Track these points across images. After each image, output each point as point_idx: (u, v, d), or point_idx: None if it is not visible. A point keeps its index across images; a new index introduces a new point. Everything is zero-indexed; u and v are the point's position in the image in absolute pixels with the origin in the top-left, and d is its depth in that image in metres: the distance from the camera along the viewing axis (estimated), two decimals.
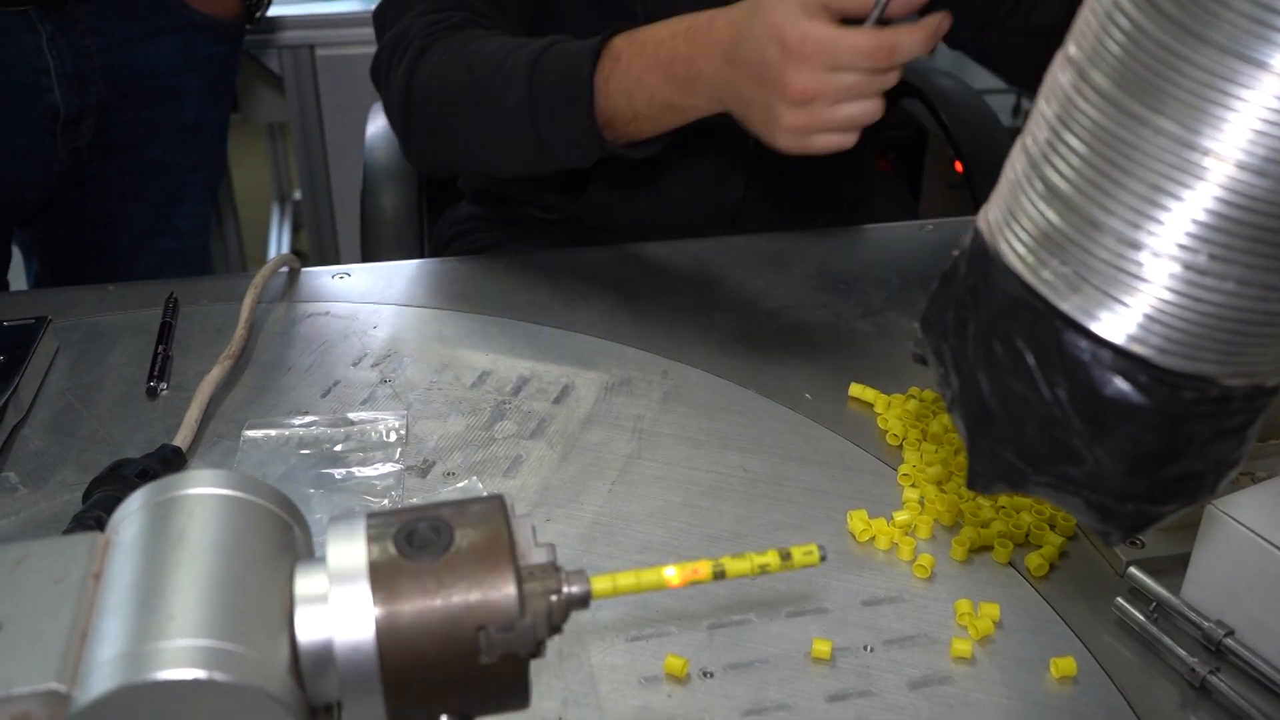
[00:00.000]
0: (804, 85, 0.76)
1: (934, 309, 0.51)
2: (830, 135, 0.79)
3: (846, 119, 0.78)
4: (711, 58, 0.82)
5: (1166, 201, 0.40)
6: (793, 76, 0.76)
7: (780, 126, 0.79)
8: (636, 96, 0.86)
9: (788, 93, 0.77)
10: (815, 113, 0.77)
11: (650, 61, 0.85)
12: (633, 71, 0.86)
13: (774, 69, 0.77)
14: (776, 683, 0.62)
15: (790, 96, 0.77)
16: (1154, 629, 0.65)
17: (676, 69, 0.84)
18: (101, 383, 0.85)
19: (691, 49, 0.83)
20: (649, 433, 0.81)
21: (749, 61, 0.79)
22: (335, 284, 0.99)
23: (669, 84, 0.85)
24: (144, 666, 0.43)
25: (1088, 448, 0.45)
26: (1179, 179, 0.39)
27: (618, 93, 0.87)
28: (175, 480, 0.53)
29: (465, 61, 0.93)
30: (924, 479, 0.76)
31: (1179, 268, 0.40)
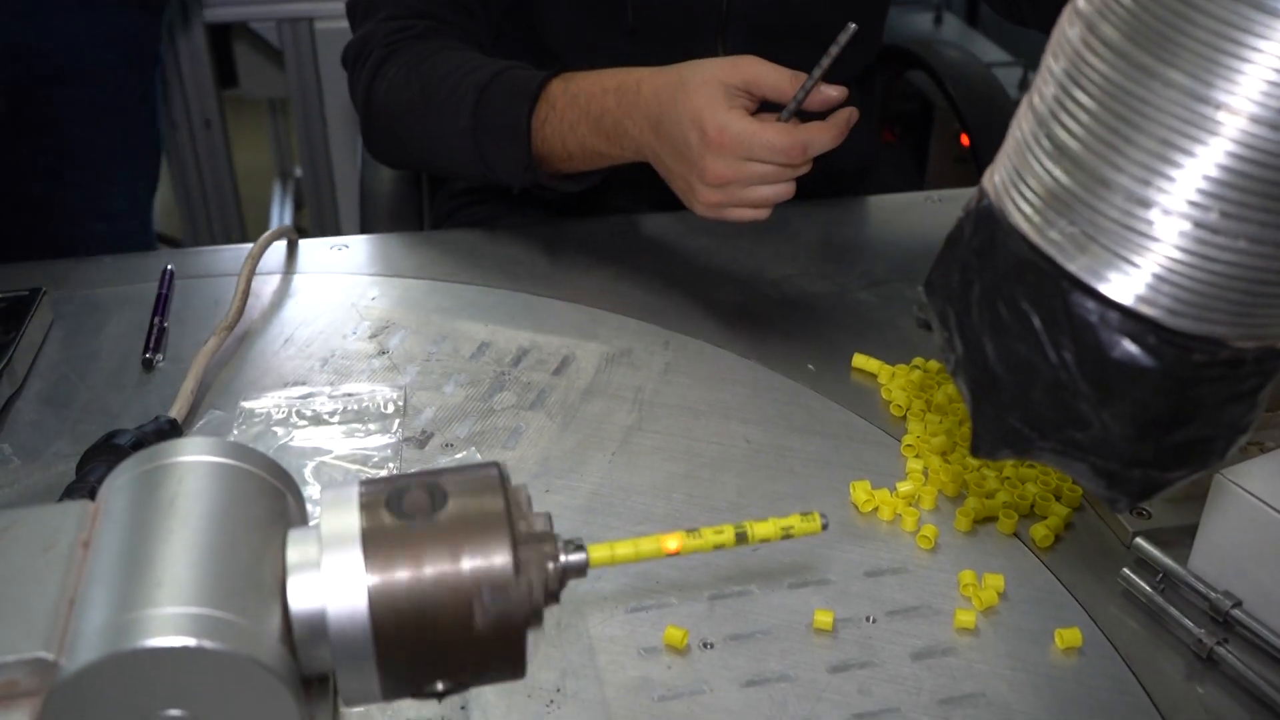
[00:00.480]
0: (720, 172, 0.81)
1: (939, 272, 0.50)
2: (744, 210, 0.83)
3: (759, 199, 0.83)
4: (638, 122, 0.86)
5: (1177, 157, 0.39)
6: (710, 163, 0.80)
7: (697, 200, 0.84)
8: (569, 141, 0.90)
9: (705, 175, 0.81)
10: (730, 193, 0.82)
11: (580, 113, 0.89)
12: (565, 119, 0.90)
13: (694, 151, 0.81)
14: (778, 654, 0.61)
15: (707, 179, 0.81)
16: (1160, 600, 0.64)
17: (605, 124, 0.88)
18: (97, 355, 0.84)
19: (620, 110, 0.87)
20: (650, 404, 0.80)
21: (671, 138, 0.83)
22: (333, 255, 0.98)
23: (597, 136, 0.89)
24: (132, 634, 0.43)
25: (1094, 412, 0.44)
26: (1190, 134, 0.38)
27: (552, 136, 0.91)
28: (166, 448, 0.52)
29: (420, 80, 0.97)
30: (928, 450, 0.75)
31: (1190, 226, 0.39)
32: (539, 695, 0.58)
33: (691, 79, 0.82)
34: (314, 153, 1.95)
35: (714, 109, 0.80)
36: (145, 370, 0.83)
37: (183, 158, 1.93)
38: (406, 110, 0.98)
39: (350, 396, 0.80)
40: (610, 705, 0.58)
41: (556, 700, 0.58)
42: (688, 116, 0.81)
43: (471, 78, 0.93)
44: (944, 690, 0.59)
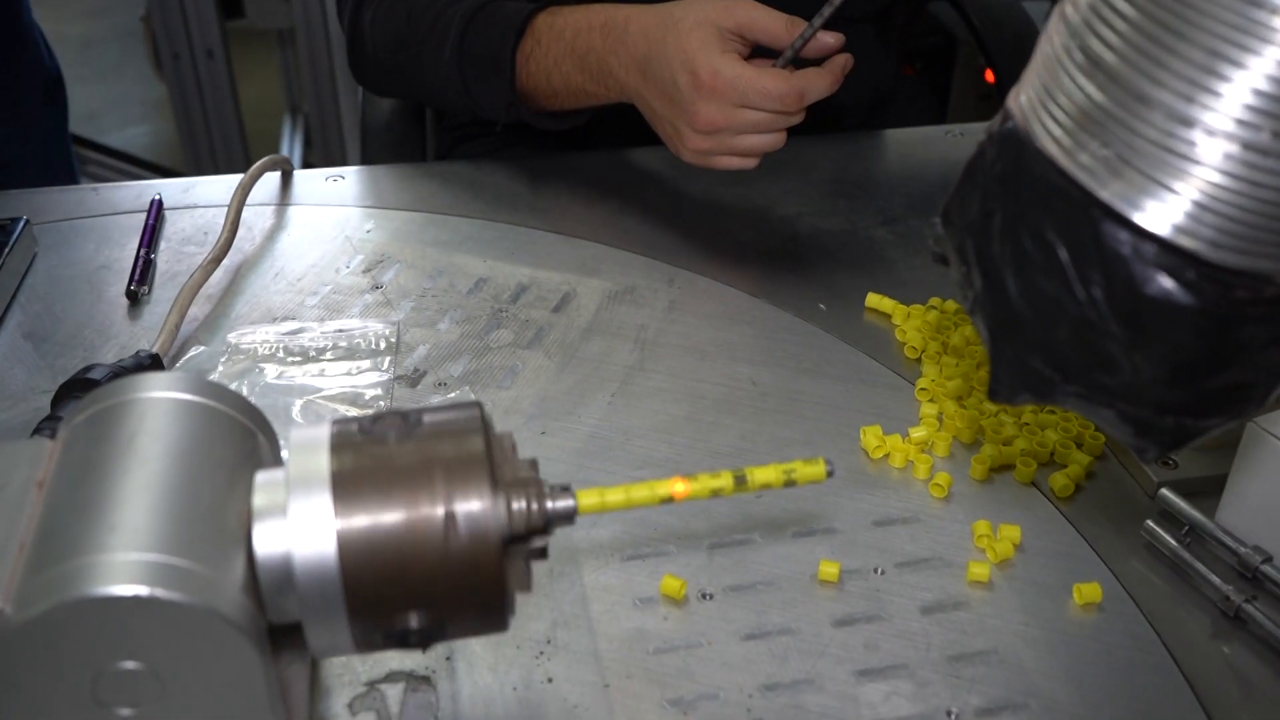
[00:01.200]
0: (710, 117, 0.77)
1: (956, 201, 0.46)
2: (733, 158, 0.80)
3: (749, 148, 0.79)
4: (624, 61, 0.82)
5: (1226, 70, 0.35)
6: (701, 108, 0.77)
7: (685, 146, 0.80)
8: (554, 78, 0.87)
9: (695, 121, 0.78)
10: (720, 140, 0.79)
11: (566, 50, 0.86)
12: (550, 55, 0.86)
13: (684, 95, 0.77)
14: (780, 606, 0.58)
15: (697, 125, 0.78)
16: (1186, 554, 0.61)
17: (590, 62, 0.84)
18: (80, 287, 0.81)
19: (605, 48, 0.83)
20: (653, 343, 0.77)
21: (659, 80, 0.79)
22: (328, 187, 0.95)
23: (582, 74, 0.85)
24: (82, 582, 0.40)
25: (1125, 354, 0.40)
26: (1242, 42, 0.34)
27: (537, 72, 0.87)
28: (129, 383, 0.49)
29: (406, 7, 0.94)
30: (943, 394, 0.71)
31: (1237, 148, 0.36)
32: (528, 646, 0.56)
33: (684, 20, 0.78)
34: (320, 86, 1.90)
35: (707, 52, 0.76)
36: (130, 303, 0.79)
37: (185, 89, 1.89)
38: (393, 39, 0.94)
39: (341, 332, 0.77)
40: (603, 657, 0.55)
41: (546, 652, 0.55)
42: (678, 59, 0.77)
43: (457, 7, 0.90)
44: (954, 646, 0.56)
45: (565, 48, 0.85)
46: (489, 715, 0.53)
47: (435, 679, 0.54)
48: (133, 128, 2.96)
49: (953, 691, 0.54)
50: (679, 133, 0.80)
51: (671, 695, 0.54)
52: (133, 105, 3.07)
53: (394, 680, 0.54)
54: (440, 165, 1.00)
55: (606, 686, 0.54)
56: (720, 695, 0.54)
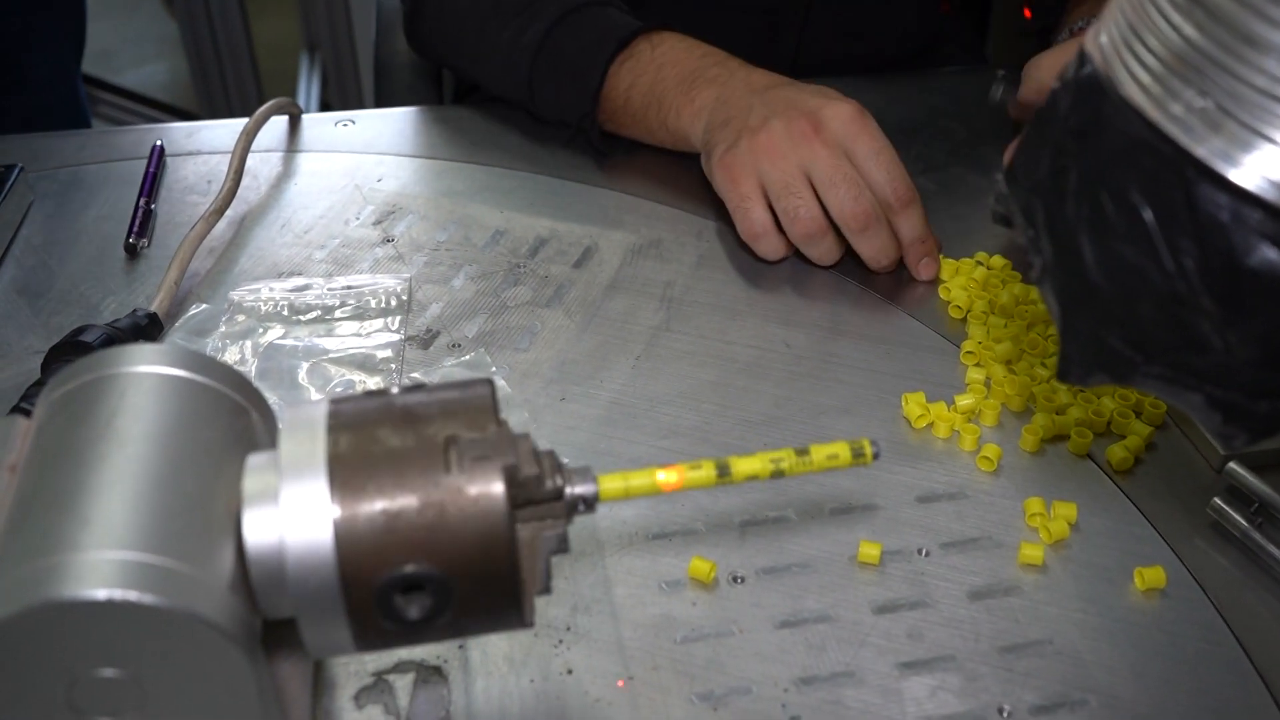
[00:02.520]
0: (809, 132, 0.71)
1: (1024, 156, 0.41)
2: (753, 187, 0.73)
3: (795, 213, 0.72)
4: (739, 80, 0.78)
5: None
6: (818, 111, 0.72)
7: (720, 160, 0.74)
8: (635, 91, 0.82)
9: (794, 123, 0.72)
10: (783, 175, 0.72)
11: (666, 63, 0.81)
12: (644, 68, 0.82)
13: (804, 105, 0.73)
14: (817, 590, 0.54)
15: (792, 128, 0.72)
16: (1256, 535, 0.56)
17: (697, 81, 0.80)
18: (78, 238, 0.77)
19: (720, 66, 0.79)
20: (680, 301, 0.72)
21: (781, 96, 0.74)
22: (339, 132, 0.90)
23: (679, 89, 0.80)
24: (52, 584, 0.36)
25: (1218, 332, 0.36)
26: None
27: (618, 88, 0.82)
28: (110, 355, 0.45)
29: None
30: (991, 357, 0.67)
31: None
32: (546, 634, 0.52)
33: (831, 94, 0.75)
34: (335, 24, 1.85)
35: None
36: (129, 257, 0.75)
37: (196, 26, 1.84)
38: (467, 8, 0.89)
39: (350, 289, 0.72)
40: (626, 647, 0.51)
41: (566, 640, 0.52)
42: (831, 96, 0.74)
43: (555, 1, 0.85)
44: (1006, 636, 0.52)
45: (664, 68, 0.81)
46: (504, 710, 0.49)
47: (447, 670, 0.50)
48: (148, 66, 2.91)
49: (1004, 686, 0.50)
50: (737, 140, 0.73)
51: (700, 689, 0.50)
52: (148, 43, 3.01)
53: (403, 671, 0.50)
54: (456, 110, 0.95)
55: (630, 678, 0.50)
56: (753, 689, 0.50)
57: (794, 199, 0.71)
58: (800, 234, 0.72)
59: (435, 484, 0.40)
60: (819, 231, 0.71)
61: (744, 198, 0.73)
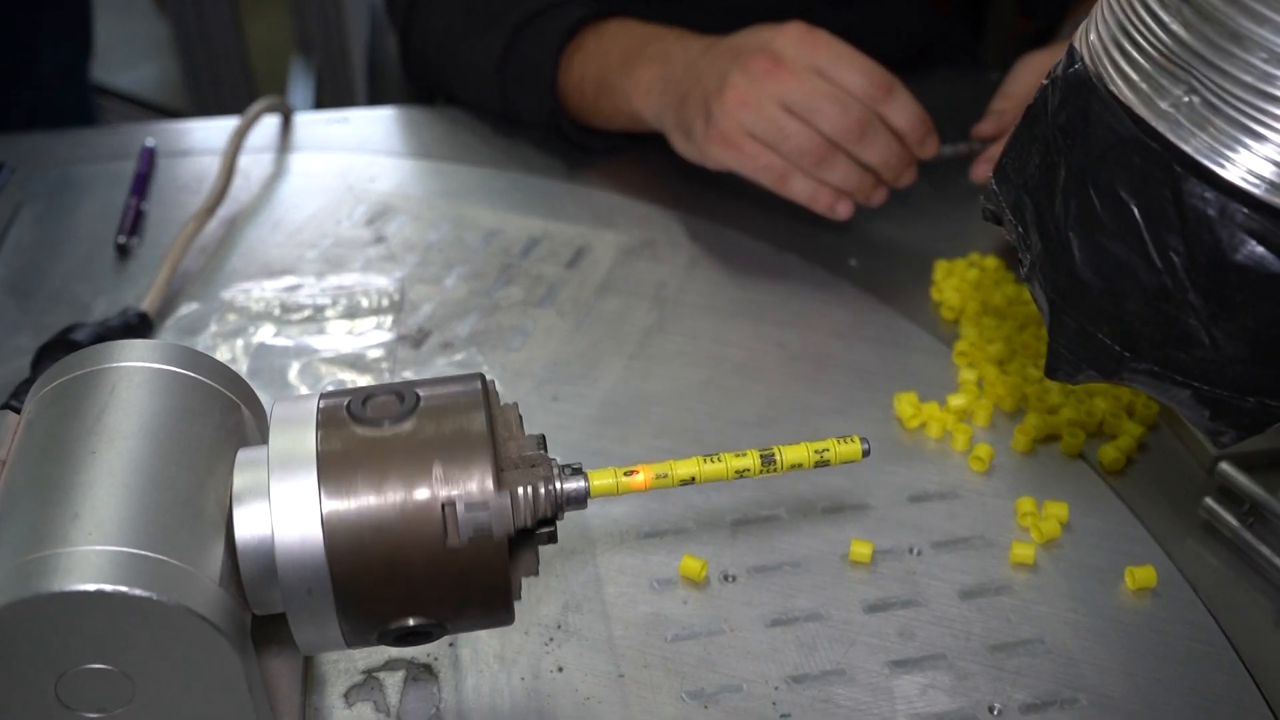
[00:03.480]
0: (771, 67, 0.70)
1: (1013, 153, 0.41)
2: (767, 154, 0.71)
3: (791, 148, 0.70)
4: (685, 45, 0.77)
5: None
6: (776, 45, 0.70)
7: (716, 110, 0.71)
8: (589, 69, 0.82)
9: (750, 67, 0.70)
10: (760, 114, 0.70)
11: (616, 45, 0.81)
12: (596, 49, 0.82)
13: (756, 41, 0.72)
14: (808, 589, 0.54)
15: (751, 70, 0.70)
16: (1247, 534, 0.56)
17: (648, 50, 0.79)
18: (68, 238, 0.77)
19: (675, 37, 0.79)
20: (672, 302, 0.72)
21: (730, 45, 0.73)
22: (331, 131, 0.90)
23: (622, 67, 0.80)
24: (41, 577, 0.36)
25: (1205, 328, 0.36)
26: None
27: (576, 66, 0.83)
28: (101, 350, 0.45)
29: (462, 3, 0.89)
30: (983, 358, 0.67)
31: None
32: (537, 632, 0.52)
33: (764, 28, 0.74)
34: (328, 24, 1.84)
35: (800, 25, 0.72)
36: (119, 256, 0.75)
37: (188, 26, 1.83)
38: (444, 35, 0.90)
39: (342, 289, 0.72)
40: (616, 645, 0.51)
41: (556, 638, 0.51)
42: (757, 36, 0.73)
43: (516, 9, 0.86)
44: (997, 634, 0.52)
45: (617, 43, 0.81)
46: (494, 707, 0.49)
47: (437, 667, 0.50)
48: (139, 66, 2.90)
49: (995, 684, 0.50)
50: (721, 89, 0.71)
51: (690, 687, 0.50)
52: (138, 43, 3.00)
53: (393, 669, 0.50)
54: (449, 110, 0.95)
55: (621, 676, 0.50)
56: (743, 687, 0.50)
57: (788, 137, 0.70)
58: (809, 164, 0.70)
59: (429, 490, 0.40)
60: (824, 152, 0.70)
61: (753, 158, 0.71)
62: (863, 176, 0.72)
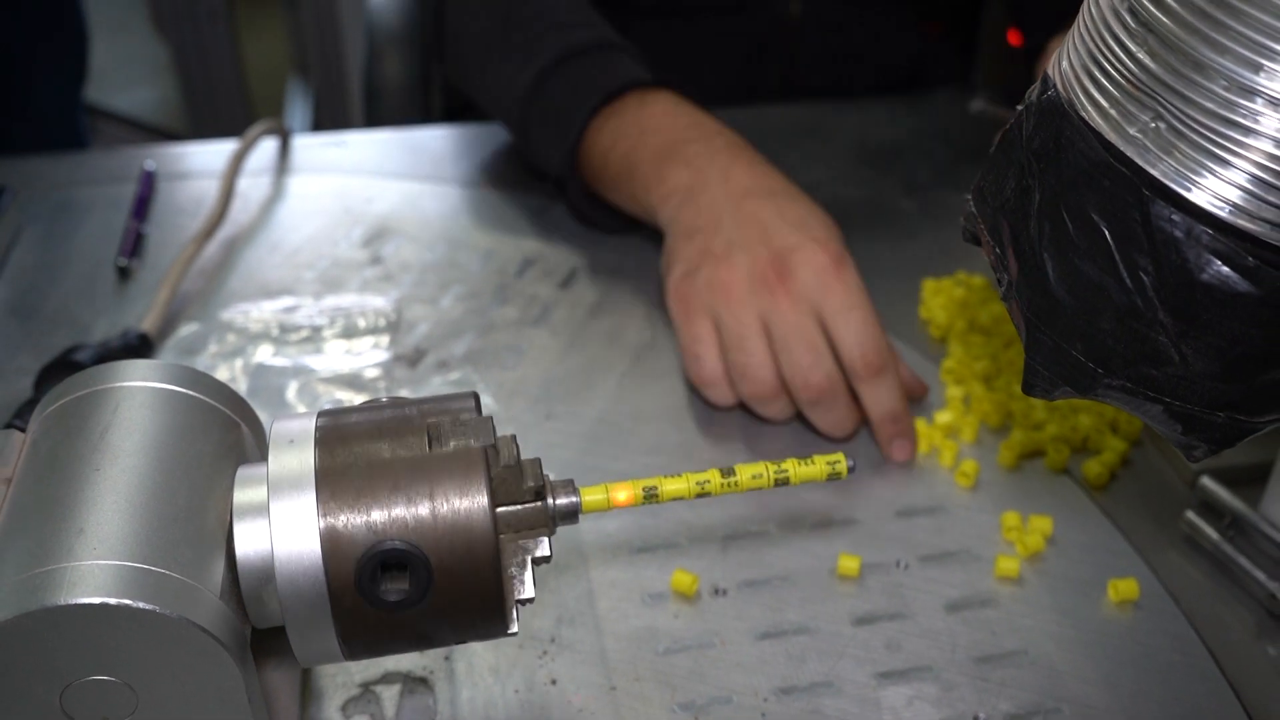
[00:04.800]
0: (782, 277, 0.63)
1: (990, 177, 0.42)
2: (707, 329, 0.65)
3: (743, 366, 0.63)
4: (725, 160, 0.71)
5: None
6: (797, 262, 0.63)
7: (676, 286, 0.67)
8: (617, 149, 0.75)
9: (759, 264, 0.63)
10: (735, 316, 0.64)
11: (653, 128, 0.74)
12: (628, 129, 0.74)
13: (776, 243, 0.64)
14: (797, 603, 0.55)
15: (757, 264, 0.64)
16: (1228, 548, 0.57)
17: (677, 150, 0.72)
18: (68, 260, 0.78)
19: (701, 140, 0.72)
20: (664, 321, 0.74)
21: (754, 223, 0.66)
22: (329, 153, 0.91)
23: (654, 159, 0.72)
24: (47, 591, 0.37)
25: (1175, 345, 0.37)
26: None
27: (598, 145, 0.76)
28: (104, 370, 0.46)
29: (505, 8, 0.84)
30: (970, 375, 0.68)
31: None
32: (531, 646, 0.53)
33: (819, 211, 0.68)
34: (326, 47, 1.86)
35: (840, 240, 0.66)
36: (120, 278, 0.76)
37: (186, 50, 1.85)
38: (477, 40, 0.86)
39: (339, 309, 0.73)
40: (609, 658, 0.52)
41: (550, 651, 0.52)
42: (811, 227, 0.66)
43: (561, 36, 0.79)
44: (982, 647, 0.53)
45: (645, 134, 0.74)
46: (489, 719, 0.50)
47: (433, 680, 0.51)
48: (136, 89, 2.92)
49: (980, 695, 0.51)
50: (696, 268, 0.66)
51: (682, 699, 0.51)
52: (138, 65, 3.02)
53: (390, 682, 0.51)
54: (445, 131, 0.96)
55: (613, 689, 0.51)
56: (733, 699, 0.51)
57: (746, 355, 0.62)
58: (748, 393, 0.63)
59: (421, 497, 0.41)
60: (770, 394, 0.63)
61: (695, 340, 0.65)
62: (788, 411, 0.65)
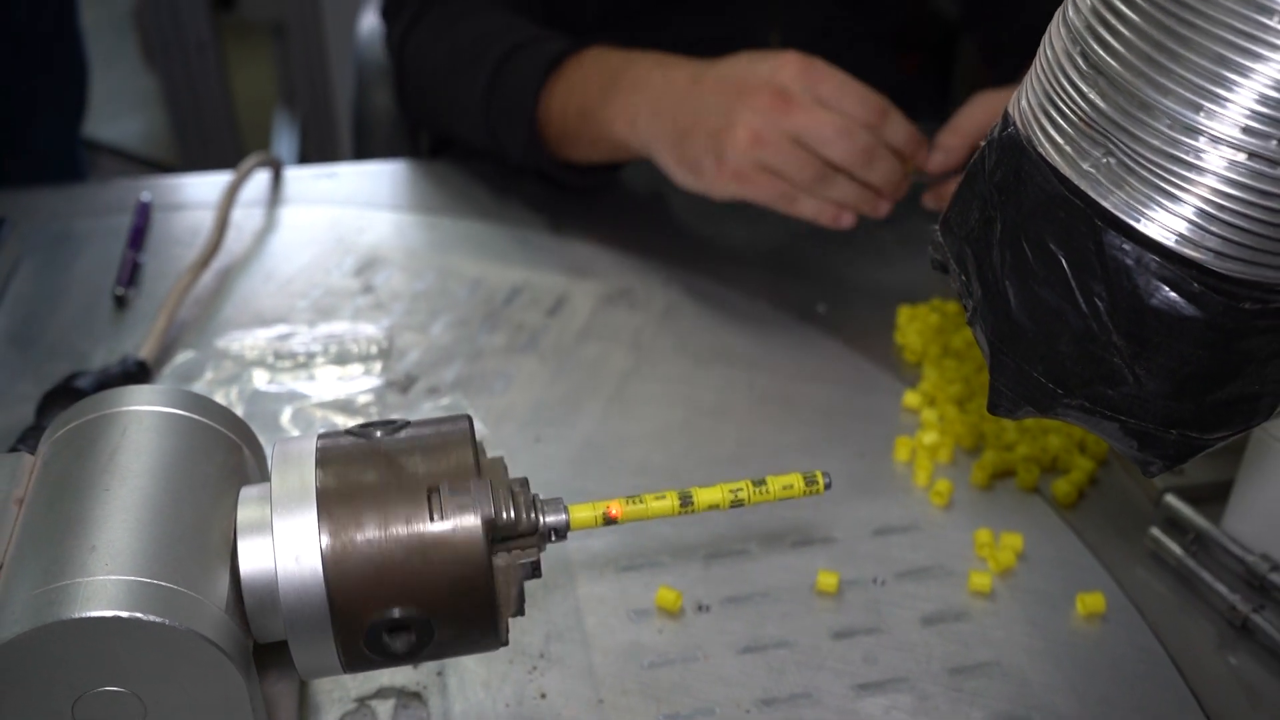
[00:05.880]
0: (779, 102, 0.71)
1: (956, 209, 0.45)
2: (775, 181, 0.73)
3: (800, 165, 0.72)
4: (675, 70, 0.77)
5: (1231, 76, 0.34)
6: (781, 77, 0.72)
7: (731, 139, 0.72)
8: (571, 102, 0.83)
9: (757, 102, 0.71)
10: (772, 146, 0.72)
11: (599, 70, 0.82)
12: (577, 78, 0.83)
13: (757, 77, 0.72)
14: (777, 618, 0.57)
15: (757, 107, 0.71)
16: (1191, 563, 0.59)
17: (623, 79, 0.80)
18: (67, 290, 0.80)
19: (656, 63, 0.79)
20: (649, 347, 0.76)
21: (721, 76, 0.74)
22: (321, 185, 0.94)
23: (601, 94, 0.80)
24: (62, 605, 0.39)
25: (1128, 366, 0.39)
26: (1248, 49, 0.33)
27: (558, 96, 0.84)
28: (110, 396, 0.48)
29: (449, 41, 0.92)
30: (944, 398, 0.70)
31: (1243, 156, 0.35)
32: (521, 660, 0.55)
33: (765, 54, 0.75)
34: (314, 79, 1.89)
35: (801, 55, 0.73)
36: (117, 307, 0.78)
37: (176, 82, 1.87)
38: (433, 74, 0.93)
39: (332, 337, 0.75)
40: (597, 672, 0.54)
41: (540, 666, 0.54)
42: (765, 58, 0.73)
43: (497, 43, 0.87)
44: (956, 658, 0.55)
45: (600, 69, 0.81)
46: None
47: (426, 695, 0.53)
48: (126, 120, 2.94)
49: (954, 705, 0.53)
50: (730, 125, 0.72)
51: (668, 710, 0.53)
52: (126, 97, 3.04)
53: (385, 696, 0.53)
54: (434, 164, 0.99)
55: (601, 702, 0.53)
56: (717, 710, 0.53)
57: (801, 169, 0.72)
58: (818, 187, 0.73)
59: (418, 519, 0.43)
60: (832, 176, 0.73)
61: (763, 189, 0.74)
62: (863, 192, 0.74)
